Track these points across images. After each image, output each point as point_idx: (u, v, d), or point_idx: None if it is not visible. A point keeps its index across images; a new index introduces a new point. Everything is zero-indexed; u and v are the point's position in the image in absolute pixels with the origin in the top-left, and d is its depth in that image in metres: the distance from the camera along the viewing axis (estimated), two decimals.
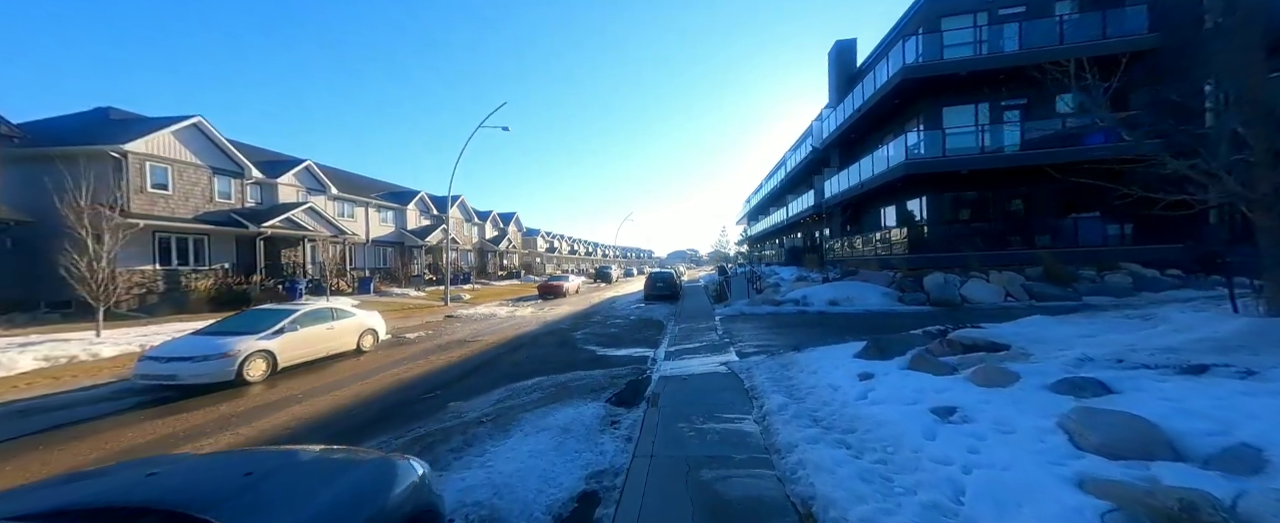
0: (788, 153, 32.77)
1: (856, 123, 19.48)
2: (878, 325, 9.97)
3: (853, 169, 19.63)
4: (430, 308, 19.16)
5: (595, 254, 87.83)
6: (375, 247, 28.74)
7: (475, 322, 14.79)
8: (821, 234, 29.23)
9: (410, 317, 16.42)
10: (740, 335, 9.79)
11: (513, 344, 10.33)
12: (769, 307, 13.51)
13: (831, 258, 22.49)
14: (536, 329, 12.64)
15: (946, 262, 14.15)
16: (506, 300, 23.11)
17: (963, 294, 12.22)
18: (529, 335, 11.56)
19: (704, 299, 19.33)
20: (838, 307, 12.62)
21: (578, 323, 13.82)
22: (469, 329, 13.03)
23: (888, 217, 18.75)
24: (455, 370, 7.92)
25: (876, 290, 13.08)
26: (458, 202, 37.90)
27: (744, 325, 11.18)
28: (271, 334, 7.81)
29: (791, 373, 5.62)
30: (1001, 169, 14.32)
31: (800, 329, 10.14)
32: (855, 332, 9.22)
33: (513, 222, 50.43)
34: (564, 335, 11.40)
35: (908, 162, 14.53)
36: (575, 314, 16.28)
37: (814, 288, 14.25)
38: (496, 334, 11.86)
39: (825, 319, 11.33)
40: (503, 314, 16.84)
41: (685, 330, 11.17)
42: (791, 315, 12.34)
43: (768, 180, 41.31)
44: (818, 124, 25.42)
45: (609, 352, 9.18)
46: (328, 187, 24.10)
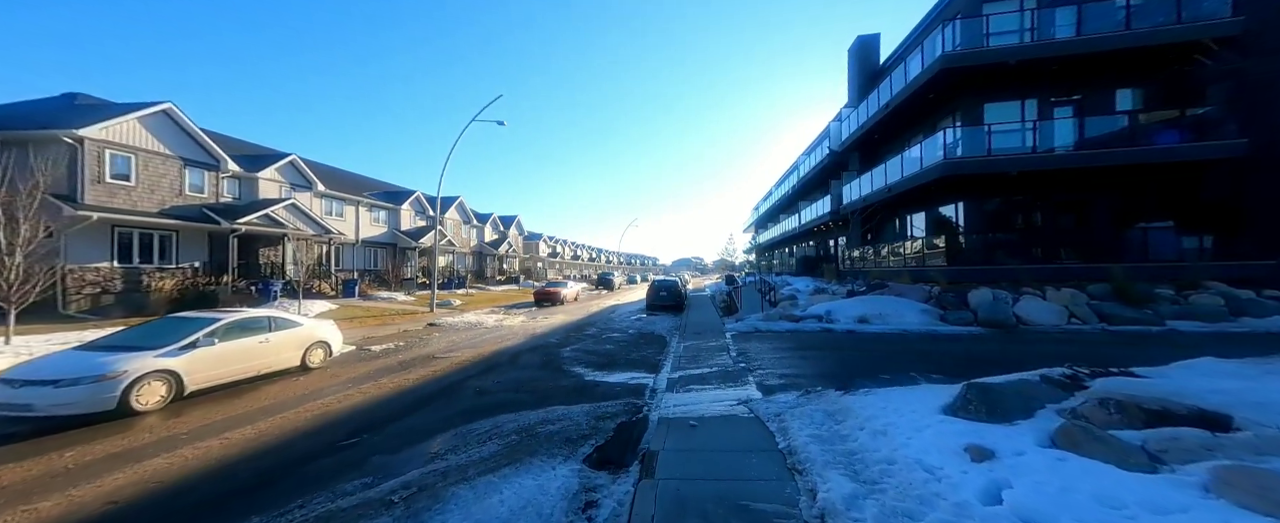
0: (801, 156, 31.17)
1: (882, 122, 17.85)
2: (925, 352, 8.24)
3: (877, 171, 17.96)
4: (414, 314, 17.64)
5: (599, 260, 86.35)
6: (365, 248, 27.40)
7: (456, 332, 13.22)
8: (837, 243, 27.49)
9: (388, 324, 14.89)
10: (758, 359, 8.12)
11: (487, 363, 8.73)
12: (787, 323, 11.82)
13: (850, 268, 20.73)
14: (521, 343, 11.03)
15: (991, 276, 12.39)
16: (499, 307, 21.56)
17: (1017, 314, 10.46)
18: (510, 352, 9.95)
19: (711, 311, 17.64)
20: (869, 326, 10.90)
21: (569, 336, 12.20)
22: (446, 341, 11.45)
23: (916, 224, 17.02)
24: (404, 400, 6.32)
25: (913, 307, 11.35)
26: (455, 203, 36.63)
27: (761, 345, 9.50)
28: (177, 350, 6.28)
29: (846, 429, 3.96)
30: (1055, 172, 12.60)
31: (830, 353, 8.44)
32: (902, 361, 7.51)
33: (514, 225, 49.12)
34: (550, 353, 9.78)
35: (946, 162, 12.86)
36: (568, 326, 14.66)
37: (838, 302, 12.53)
38: (474, 349, 10.26)
39: (858, 341, 9.62)
40: (489, 323, 15.27)
41: (691, 350, 9.51)
42: (815, 334, 10.64)
43: (778, 186, 39.69)
44: (836, 125, 23.82)
45: (599, 377, 7.54)
46: (314, 183, 22.82)
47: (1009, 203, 13.72)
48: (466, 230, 39.10)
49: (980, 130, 13.42)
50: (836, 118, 23.97)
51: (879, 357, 7.93)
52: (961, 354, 8.01)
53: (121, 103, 16.26)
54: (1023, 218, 13.56)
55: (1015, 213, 13.60)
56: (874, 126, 18.62)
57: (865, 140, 20.28)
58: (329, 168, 28.04)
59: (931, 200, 15.45)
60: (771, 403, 5.28)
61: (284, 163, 21.22)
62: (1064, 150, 12.62)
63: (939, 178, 13.22)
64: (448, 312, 18.98)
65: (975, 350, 8.30)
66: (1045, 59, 12.45)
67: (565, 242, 74.04)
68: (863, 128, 19.22)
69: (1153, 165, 11.80)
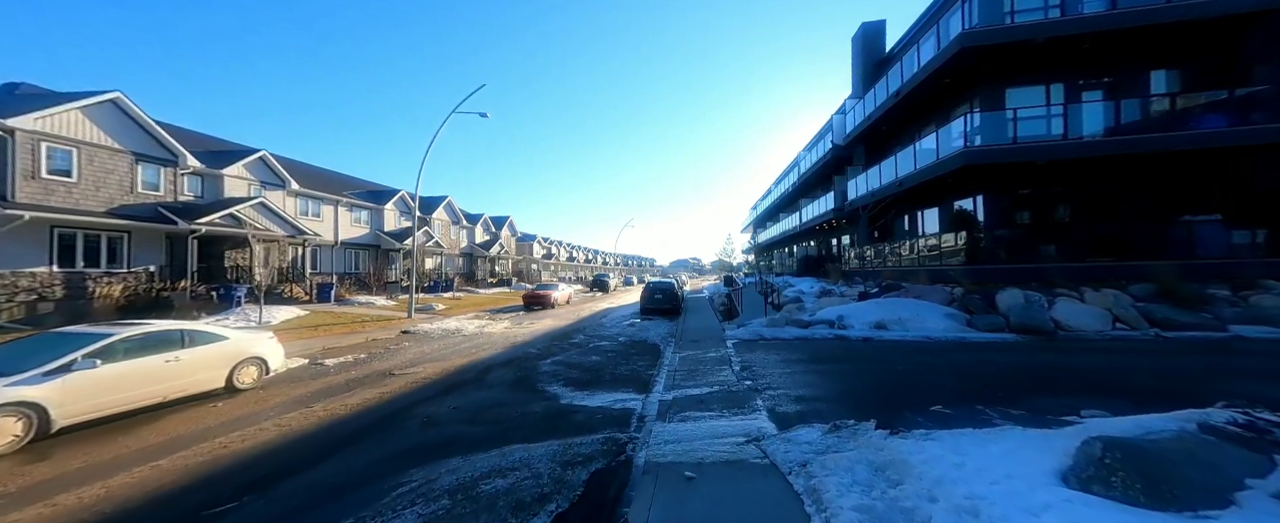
0: (802, 153, 30.06)
1: (890, 112, 16.72)
2: (964, 367, 7.04)
3: (886, 165, 16.81)
4: (390, 321, 16.34)
5: (595, 261, 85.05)
6: (345, 250, 26.06)
7: (429, 341, 11.94)
8: (840, 242, 26.37)
9: (357, 332, 13.59)
10: (766, 375, 6.90)
11: (450, 381, 7.47)
12: (795, 330, 10.61)
13: (857, 268, 19.57)
14: (496, 355, 9.78)
15: (1018, 275, 11.24)
16: (484, 312, 20.27)
17: (1055, 319, 9.29)
18: (480, 366, 8.70)
19: (710, 315, 16.43)
20: (888, 333, 9.71)
21: (552, 346, 10.95)
22: (413, 353, 10.19)
23: (929, 221, 15.88)
24: (330, 436, 5.07)
25: (935, 311, 10.17)
26: (443, 203, 35.32)
27: (767, 357, 8.29)
28: (42, 376, 5.01)
29: (907, 498, 2.75)
30: (1087, 161, 11.48)
31: (850, 367, 7.24)
32: (939, 378, 6.31)
33: (506, 226, 47.79)
34: (526, 367, 8.53)
35: (967, 151, 11.71)
36: (554, 333, 13.41)
37: (851, 306, 11.34)
38: (440, 363, 9.00)
39: (879, 352, 8.42)
40: (469, 331, 14.00)
41: (688, 362, 8.29)
42: (828, 343, 9.44)
43: (777, 184, 38.60)
44: (839, 117, 22.69)
45: (577, 400, 6.31)
46: (287, 181, 21.48)
47: (1035, 196, 12.56)
48: (455, 231, 37.77)
49: (1002, 117, 12.28)
50: (840, 110, 22.85)
51: (910, 372, 6.73)
52: (1010, 369, 6.82)
53: (65, 92, 14.93)
54: (1051, 212, 12.41)
55: (1042, 207, 12.46)
56: (881, 118, 17.49)
57: (871, 133, 19.15)
58: (305, 165, 26.69)
59: (948, 194, 14.30)
60: (791, 444, 4.06)
61: (252, 159, 19.88)
62: (1094, 138, 11.49)
63: (959, 169, 12.07)
64: (428, 317, 17.68)
65: (1024, 364, 7.12)
66: (1076, 36, 11.33)
67: (560, 243, 72.73)
68: (869, 119, 18.08)
69: (1197, 152, 10.69)
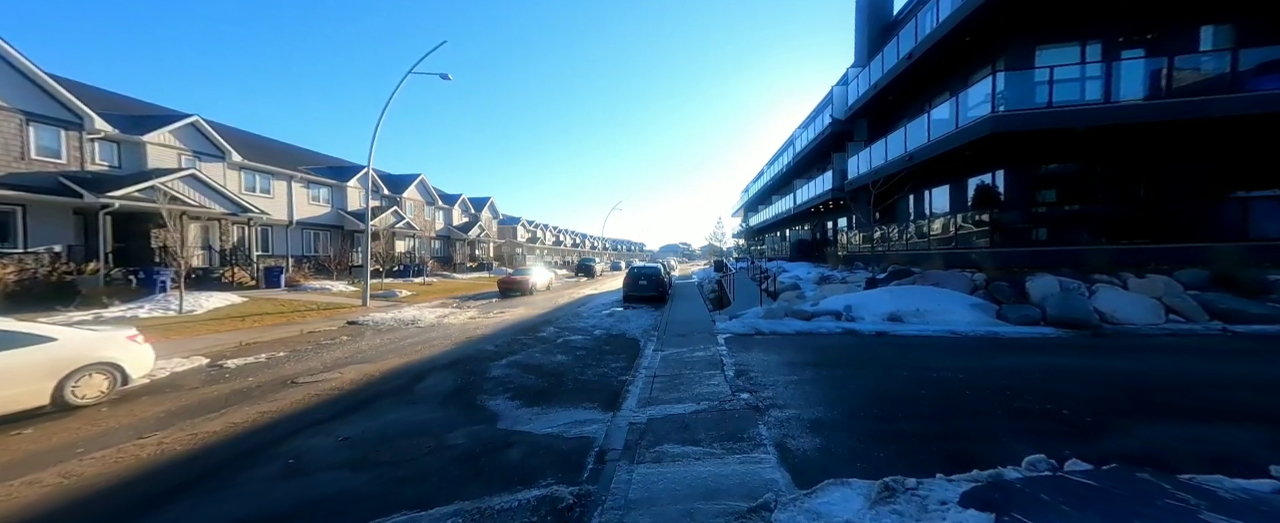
0: (797, 130, 28.39)
1: (899, 79, 15.09)
2: (1012, 373, 5.62)
3: (893, 138, 15.27)
4: (341, 308, 14.53)
5: (583, 246, 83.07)
6: (303, 230, 23.86)
7: (374, 335, 10.25)
8: (836, 225, 25.01)
9: (296, 322, 11.79)
10: (768, 384, 5.41)
11: (367, 393, 5.84)
12: (796, 322, 9.17)
13: (857, 252, 18.22)
14: (443, 354, 8.15)
15: (1048, 259, 9.90)
16: (453, 299, 18.54)
17: (1098, 310, 7.96)
18: (418, 369, 7.06)
19: (699, 304, 14.96)
20: (906, 326, 8.31)
21: (515, 341, 9.35)
22: (344, 351, 8.50)
23: (941, 199, 14.46)
24: (133, 493, 3.43)
25: (957, 300, 8.79)
26: (416, 181, 33.00)
27: (766, 357, 6.81)
28: None
29: None
30: (1127, 130, 10.05)
31: (870, 374, 5.78)
32: (993, 392, 4.87)
33: (487, 207, 45.50)
34: (473, 370, 6.93)
35: (995, 118, 10.17)
36: (522, 324, 11.80)
37: (859, 295, 9.92)
38: (369, 365, 7.34)
39: (902, 351, 6.99)
40: (427, 321, 12.32)
41: (671, 364, 6.77)
42: (837, 339, 8.00)
43: (770, 165, 36.97)
44: (840, 89, 20.99)
45: (521, 422, 4.74)
46: (227, 152, 19.12)
47: (1067, 169, 11.14)
48: (430, 212, 35.51)
49: (1032, 79, 10.74)
50: (841, 81, 21.13)
51: (955, 383, 5.28)
52: (1078, 378, 5.42)
53: None
54: (1085, 188, 11.01)
55: (1075, 182, 11.05)
56: (889, 86, 15.86)
57: (876, 104, 17.54)
58: (251, 136, 24.15)
59: (967, 169, 12.82)
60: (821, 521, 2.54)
61: (182, 125, 17.48)
62: (1141, 102, 10.02)
63: (982, 139, 10.56)
64: (386, 305, 15.90)
65: (1091, 371, 5.72)
66: None
67: (546, 226, 70.51)
68: (876, 87, 16.44)
69: (1253, 118, 9.33)
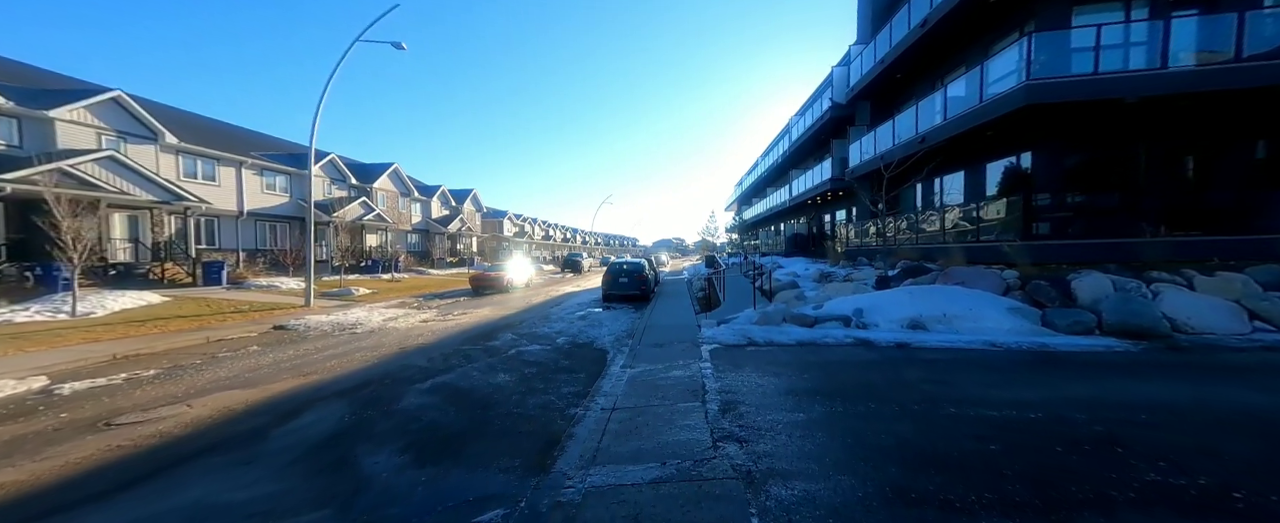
0: (794, 118, 26.79)
1: (909, 52, 13.51)
2: (1112, 415, 4.06)
3: (902, 119, 13.73)
4: (278, 310, 12.74)
5: (573, 241, 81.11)
6: (256, 222, 21.84)
7: (292, 344, 8.53)
8: (835, 217, 23.54)
9: (210, 327, 10.02)
10: (766, 437, 3.79)
11: (204, 441, 4.16)
12: (796, 329, 7.61)
13: (859, 246, 16.73)
14: (355, 372, 6.48)
15: (1091, 253, 8.44)
16: (417, 298, 16.80)
17: (1167, 316, 6.48)
18: (306, 397, 5.39)
19: (685, 304, 13.37)
20: (931, 335, 6.78)
21: (455, 354, 7.69)
22: (236, 368, 6.79)
23: (958, 186, 12.95)
24: None
25: (989, 303, 7.28)
26: (389, 170, 30.95)
27: (763, 380, 5.23)
28: None
29: None
30: (1184, 100, 8.56)
31: (908, 412, 4.21)
32: (1091, 445, 3.29)
33: (469, 200, 43.46)
34: (378, 400, 5.27)
35: (1030, 87, 8.62)
36: (476, 329, 10.14)
37: (870, 297, 8.39)
38: (249, 391, 5.65)
39: (937, 375, 5.45)
40: (369, 326, 10.61)
41: (640, 389, 5.17)
42: (848, 353, 6.45)
43: (765, 156, 35.44)
44: (840, 70, 19.40)
45: (395, 503, 3.11)
46: (159, 133, 17.05)
47: (1111, 149, 9.62)
48: (405, 204, 33.50)
49: (1067, 45, 9.18)
50: (842, 61, 19.53)
51: (1019, 426, 3.74)
52: (1203, 420, 3.90)
53: None
54: (1130, 170, 9.51)
55: (1121, 163, 9.55)
56: (897, 61, 14.28)
57: (882, 83, 15.97)
58: (192, 116, 22.02)
59: (989, 151, 11.31)
60: None
61: (101, 101, 15.39)
62: (1208, 67, 8.50)
63: (1012, 114, 9.04)
64: (335, 306, 14.13)
65: (1189, 404, 4.23)
66: None
67: (534, 220, 68.43)
68: (882, 64, 14.85)
69: None
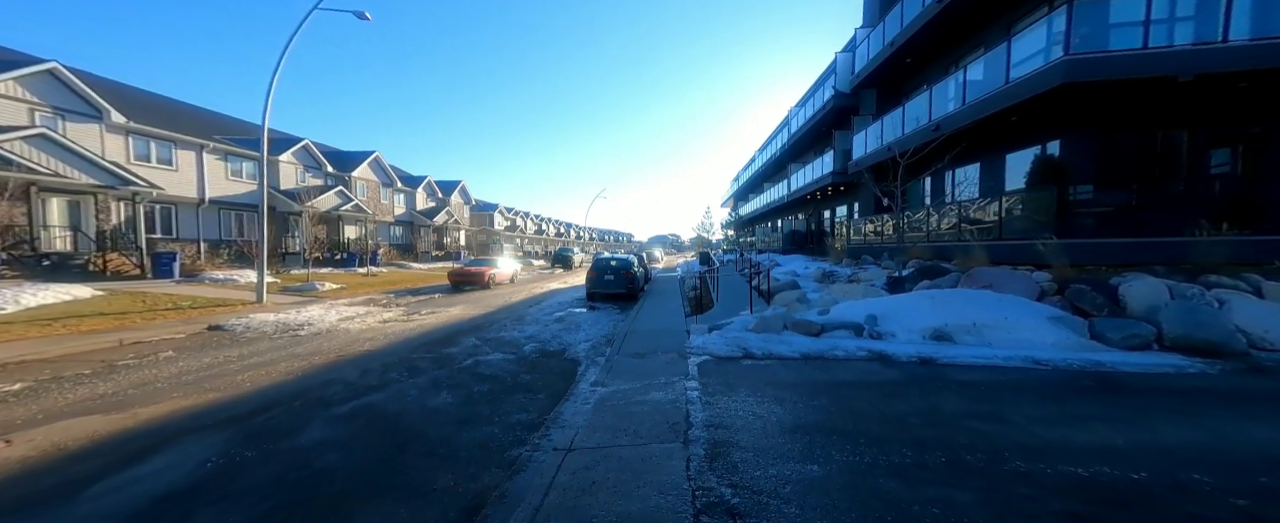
0: (794, 109, 25.69)
1: (923, 31, 12.41)
2: (1239, 495, 3.00)
3: (913, 104, 12.67)
4: (224, 307, 11.49)
5: (567, 235, 79.75)
6: (219, 211, 20.43)
7: (219, 349, 7.35)
8: (835, 213, 22.53)
9: (137, 327, 8.80)
10: (776, 511, 2.69)
11: None
12: (800, 338, 6.54)
13: (862, 243, 15.71)
14: (267, 389, 5.32)
15: (1141, 253, 7.43)
16: (389, 293, 15.58)
17: (1242, 328, 5.46)
18: (179, 426, 4.24)
19: (676, 305, 12.28)
20: (958, 348, 5.73)
21: (399, 364, 6.55)
22: (124, 382, 5.63)
23: (976, 177, 11.92)
24: None
25: (1025, 310, 6.24)
26: (369, 159, 29.53)
27: (762, 412, 4.15)
28: None
29: None
30: (1238, 80, 7.54)
31: (953, 471, 3.14)
32: None
33: (457, 191, 42.08)
34: (272, 431, 4.13)
35: (1068, 61, 7.56)
36: (437, 333, 8.99)
37: (883, 301, 7.33)
38: (112, 418, 4.49)
39: (978, 399, 4.40)
40: (318, 327, 9.43)
41: (608, 418, 4.08)
42: (861, 369, 5.39)
43: (762, 150, 34.36)
44: (845, 55, 18.31)
45: None
46: (104, 111, 15.61)
47: (1156, 136, 8.58)
48: (388, 195, 32.10)
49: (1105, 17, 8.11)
50: (847, 47, 18.42)
51: (1120, 495, 2.68)
52: None
53: None
54: (1178, 160, 8.48)
55: (1167, 153, 8.51)
56: (908, 44, 13.19)
57: (890, 68, 14.87)
58: (145, 94, 20.53)
59: (1013, 138, 10.27)
60: None
61: (33, 72, 13.94)
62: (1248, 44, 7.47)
63: (1043, 95, 7.98)
64: (293, 302, 12.89)
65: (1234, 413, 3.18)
66: None
67: (527, 214, 67.02)
68: (891, 46, 13.75)
69: None
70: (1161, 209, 7.93)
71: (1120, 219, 8.03)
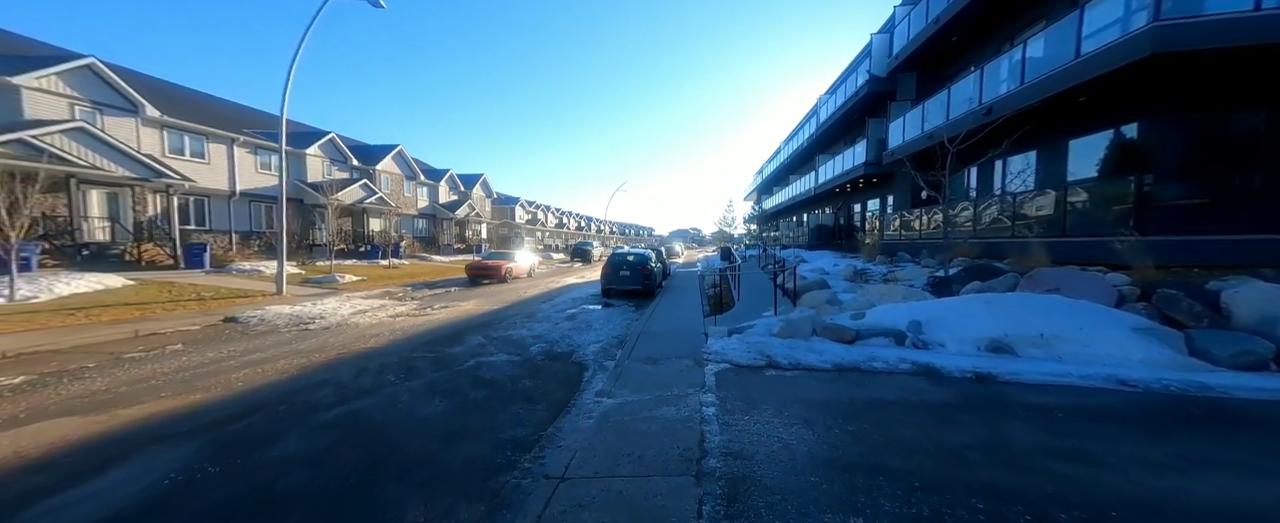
0: (823, 97, 24.36)
1: (972, 6, 11.24)
2: None
3: (961, 87, 11.55)
4: (244, 298, 11.62)
5: (588, 229, 79.81)
6: (249, 203, 21.00)
7: (223, 343, 7.25)
8: (866, 207, 21.28)
9: (158, 317, 8.91)
10: None
11: None
12: (832, 346, 5.85)
13: (897, 239, 14.64)
14: (250, 394, 5.07)
15: (1246, 252, 6.35)
16: (407, 286, 15.58)
17: None
18: (149, 436, 3.97)
19: (694, 303, 11.67)
20: (1021, 362, 4.93)
21: (398, 365, 6.22)
22: (121, 378, 5.50)
23: (1029, 167, 10.75)
24: None
25: (1103, 318, 5.34)
26: (393, 152, 29.89)
27: (789, 440, 3.53)
28: None
29: None
30: None
31: None
32: None
33: (479, 185, 42.39)
34: (240, 446, 3.81)
35: (1158, 29, 6.45)
36: (445, 330, 8.70)
37: (927, 305, 6.52)
38: (85, 421, 4.29)
39: (1061, 431, 3.65)
40: (329, 321, 9.31)
41: (611, 440, 3.56)
42: (905, 385, 4.68)
43: (789, 141, 33.01)
44: (881, 37, 17.04)
45: None
46: (140, 106, 16.09)
47: (1257, 116, 7.33)
48: (411, 187, 32.51)
49: None
50: (884, 27, 17.14)
51: None
52: None
53: None
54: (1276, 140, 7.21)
55: (1272, 134, 7.24)
56: (954, 20, 11.99)
57: (933, 48, 13.65)
58: (178, 88, 21.14)
59: (1079, 121, 9.11)
60: None
61: (73, 68, 14.42)
62: None
63: (1128, 67, 6.90)
64: (311, 294, 12.97)
65: None
66: None
67: (547, 208, 67.27)
68: (936, 24, 12.56)
69: None
70: (1269, 201, 6.74)
71: (1216, 213, 6.88)
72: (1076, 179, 8.80)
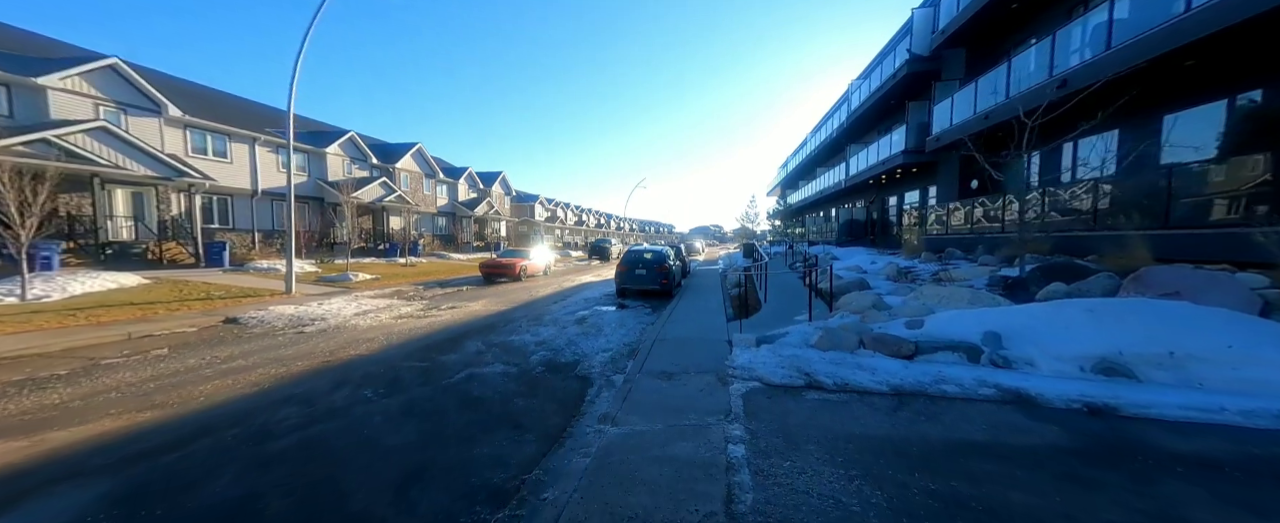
0: (855, 82, 22.76)
1: None
2: None
3: (1024, 60, 10.13)
4: (254, 297, 11.37)
5: (607, 226, 79.34)
6: (271, 201, 21.20)
7: (210, 347, 6.80)
8: (903, 199, 19.70)
9: (160, 317, 8.64)
10: None
11: None
12: (885, 362, 4.82)
13: (945, 235, 13.21)
14: (205, 414, 4.47)
15: None
16: (419, 285, 15.20)
17: None
18: (51, 474, 3.36)
19: (716, 304, 10.70)
20: (1145, 391, 3.80)
21: (385, 377, 5.56)
22: (77, 391, 5.03)
23: (1109, 149, 9.27)
24: None
25: (1254, 331, 4.12)
26: (412, 150, 29.93)
27: (854, 494, 2.59)
28: None
29: None
30: None
31: None
32: None
33: (498, 182, 42.32)
34: (151, 493, 3.14)
35: None
36: (443, 335, 8.06)
37: (1005, 312, 5.38)
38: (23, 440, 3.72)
39: (1230, 495, 2.56)
40: (331, 322, 8.86)
41: (606, 495, 2.70)
42: (990, 416, 3.64)
43: (815, 133, 31.36)
44: (923, 12, 15.51)
45: None
46: (162, 105, 16.25)
47: None
48: (430, 185, 32.57)
49: None
50: (927, 1, 15.58)
51: None
52: None
53: None
54: None
55: None
56: None
57: (987, 17, 12.13)
58: (200, 88, 21.46)
59: (1179, 91, 7.65)
60: None
61: (97, 68, 14.59)
62: None
63: (1257, 17, 5.52)
64: (320, 293, 12.68)
65: None
66: None
67: (567, 205, 67.08)
68: None
69: None
70: None
71: None
72: (1184, 160, 7.33)
